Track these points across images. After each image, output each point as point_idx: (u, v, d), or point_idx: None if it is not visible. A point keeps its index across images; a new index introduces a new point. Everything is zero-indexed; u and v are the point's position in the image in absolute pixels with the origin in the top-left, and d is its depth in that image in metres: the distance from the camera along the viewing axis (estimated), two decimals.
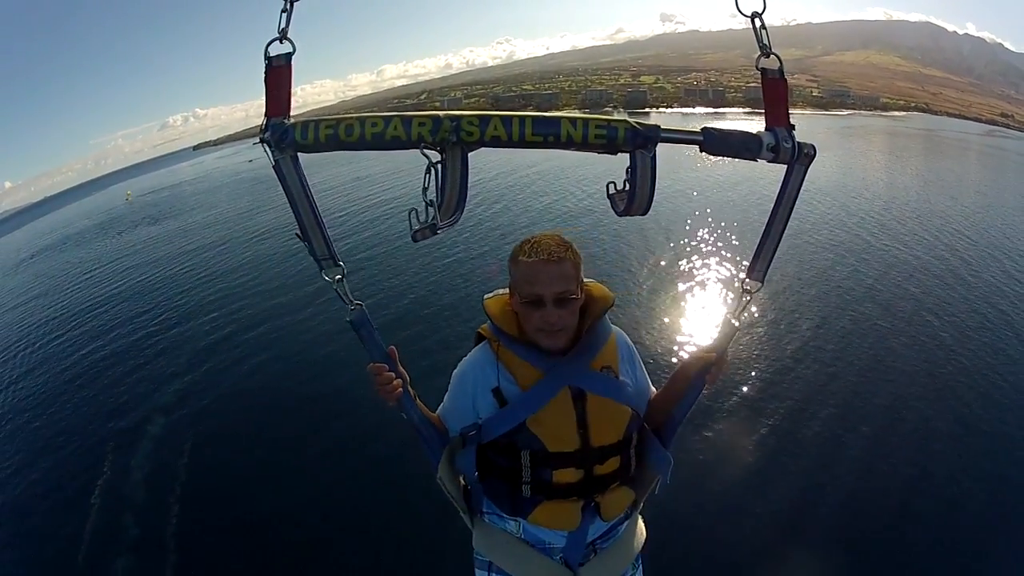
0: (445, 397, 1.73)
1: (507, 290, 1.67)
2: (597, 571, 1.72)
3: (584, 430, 1.57)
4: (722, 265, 11.32)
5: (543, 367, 1.57)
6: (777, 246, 1.51)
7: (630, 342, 1.77)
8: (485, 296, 1.72)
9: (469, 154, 1.32)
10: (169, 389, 8.61)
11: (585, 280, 1.66)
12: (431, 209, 1.30)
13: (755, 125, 1.52)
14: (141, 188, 65.60)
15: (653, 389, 1.84)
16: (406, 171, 22.34)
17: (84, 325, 12.55)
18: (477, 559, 1.83)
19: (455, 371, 1.72)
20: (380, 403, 1.57)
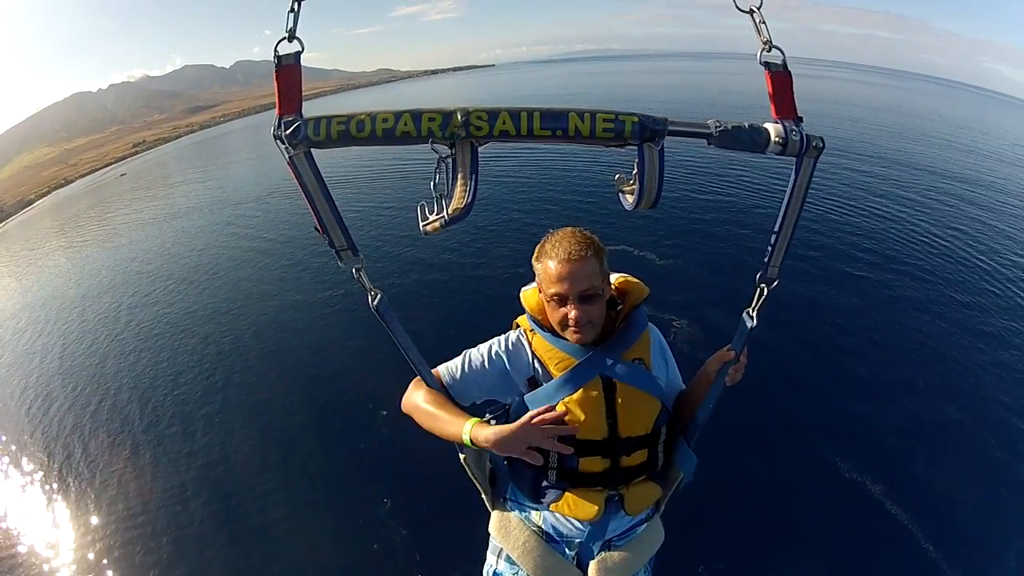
0: (462, 365, 1.71)
1: None
2: (607, 568, 1.69)
3: (612, 419, 1.59)
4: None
5: (577, 356, 1.61)
6: (791, 240, 1.49)
7: (663, 339, 1.79)
8: (522, 289, 1.76)
9: (479, 148, 1.33)
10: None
11: (620, 274, 1.72)
12: (442, 203, 1.32)
13: None
14: None
15: (683, 386, 1.84)
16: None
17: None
18: (491, 543, 1.86)
19: (485, 346, 1.73)
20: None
